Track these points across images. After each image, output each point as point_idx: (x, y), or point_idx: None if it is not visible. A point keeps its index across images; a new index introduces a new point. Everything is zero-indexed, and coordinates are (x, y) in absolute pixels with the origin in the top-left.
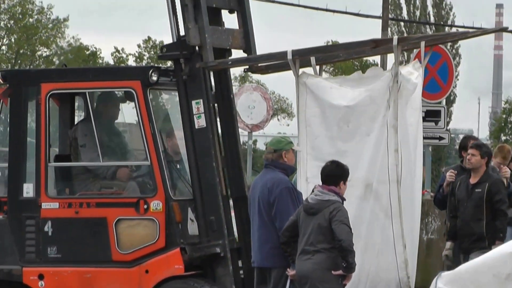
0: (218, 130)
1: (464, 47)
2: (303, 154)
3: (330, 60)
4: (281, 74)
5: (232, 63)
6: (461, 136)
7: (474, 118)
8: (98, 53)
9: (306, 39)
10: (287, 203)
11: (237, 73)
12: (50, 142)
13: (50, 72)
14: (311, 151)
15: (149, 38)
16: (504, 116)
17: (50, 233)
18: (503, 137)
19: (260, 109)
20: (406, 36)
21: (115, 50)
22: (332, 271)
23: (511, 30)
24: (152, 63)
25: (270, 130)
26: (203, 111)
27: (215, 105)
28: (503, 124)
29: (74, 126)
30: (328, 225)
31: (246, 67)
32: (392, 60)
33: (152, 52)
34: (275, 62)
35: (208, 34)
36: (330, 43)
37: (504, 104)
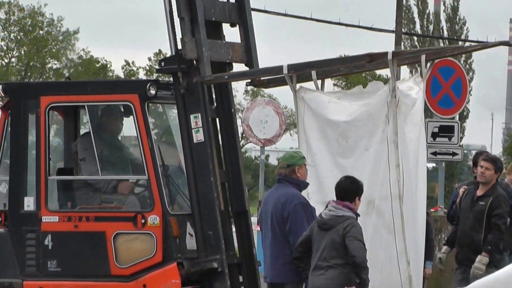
0: (220, 143)
1: (477, 62)
2: None
3: (331, 74)
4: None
5: (228, 77)
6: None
7: (487, 134)
8: (109, 66)
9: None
10: (301, 219)
11: (249, 88)
12: (51, 156)
13: (49, 85)
14: (310, 167)
15: (160, 51)
16: None
17: (50, 247)
18: None
19: (273, 123)
20: (400, 50)
21: (126, 63)
22: (345, 287)
23: None
24: (162, 77)
25: (282, 145)
26: (201, 125)
27: (216, 119)
28: None
29: (77, 139)
30: (341, 240)
31: (248, 81)
32: (405, 73)
33: None
34: (277, 76)
35: (205, 48)
36: None
37: None
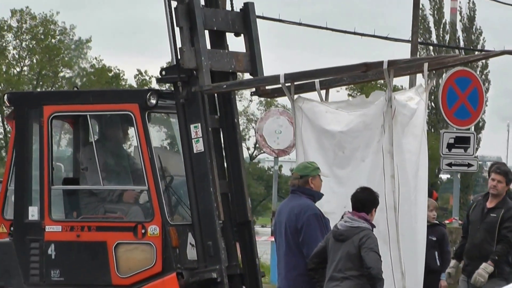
0: (223, 154)
1: (493, 73)
2: None
3: (335, 84)
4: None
5: (226, 86)
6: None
7: (503, 145)
8: (121, 75)
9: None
10: (315, 230)
11: (262, 98)
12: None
13: (52, 94)
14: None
15: None
16: None
17: (53, 256)
18: None
19: (287, 134)
20: (396, 59)
21: (138, 72)
22: None
23: None
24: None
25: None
26: (201, 135)
27: (220, 129)
28: None
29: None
30: (357, 252)
31: (253, 90)
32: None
33: None
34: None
35: (205, 57)
36: None
37: None
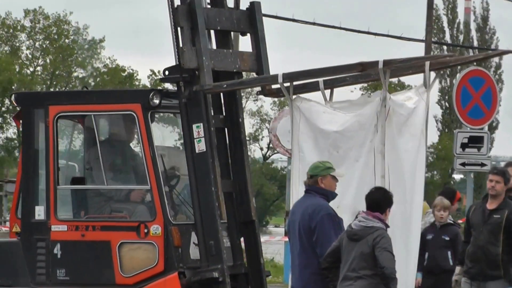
0: (228, 153)
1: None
2: (295, 179)
3: (338, 84)
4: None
5: (227, 86)
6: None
7: None
8: (135, 75)
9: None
10: (328, 230)
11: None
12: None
13: (57, 94)
14: (303, 177)
15: None
16: None
17: (59, 256)
18: None
19: None
20: (392, 59)
21: (151, 72)
22: None
23: None
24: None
25: None
26: (203, 135)
27: (225, 129)
28: None
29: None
30: (371, 251)
31: (259, 89)
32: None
33: None
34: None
35: (206, 57)
36: None
37: None
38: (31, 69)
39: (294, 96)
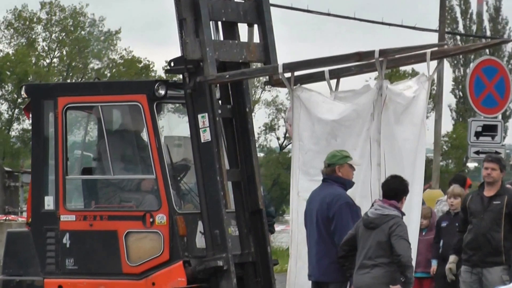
0: (236, 143)
1: None
2: (295, 168)
3: (343, 74)
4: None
5: (229, 76)
6: None
7: None
8: (151, 66)
9: None
10: (346, 219)
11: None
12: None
13: (65, 86)
14: (302, 166)
15: None
16: None
17: (68, 245)
18: None
19: None
20: (388, 48)
21: (167, 63)
22: (390, 286)
23: None
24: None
25: None
26: (208, 125)
27: (233, 119)
28: None
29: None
30: (387, 239)
31: (266, 80)
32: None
33: None
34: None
35: (210, 48)
36: None
37: None
38: (48, 61)
39: (295, 86)
